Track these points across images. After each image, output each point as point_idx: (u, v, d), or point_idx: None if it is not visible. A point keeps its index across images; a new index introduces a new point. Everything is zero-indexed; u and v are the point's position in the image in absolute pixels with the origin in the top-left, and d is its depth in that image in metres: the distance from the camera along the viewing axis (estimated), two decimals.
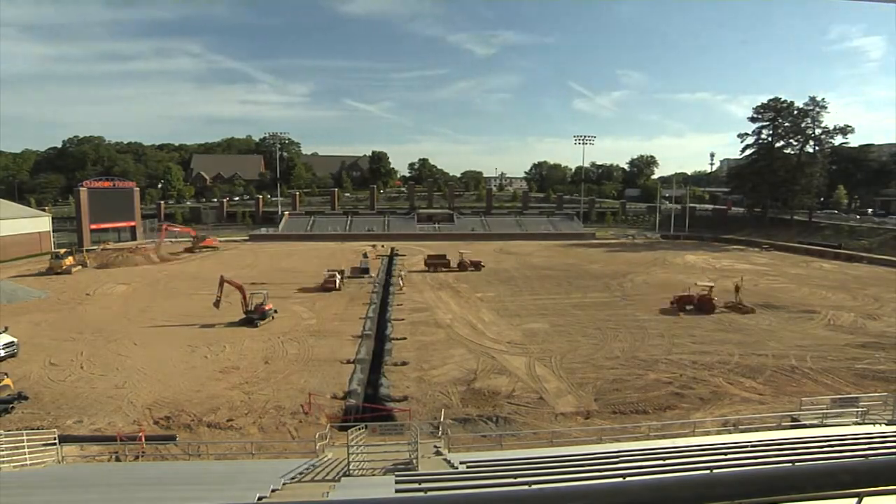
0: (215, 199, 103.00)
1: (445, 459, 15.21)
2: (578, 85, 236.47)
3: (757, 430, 18.35)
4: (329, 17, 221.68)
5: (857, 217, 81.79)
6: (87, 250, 61.40)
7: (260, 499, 8.43)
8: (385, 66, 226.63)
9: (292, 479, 11.58)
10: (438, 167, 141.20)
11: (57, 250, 56.72)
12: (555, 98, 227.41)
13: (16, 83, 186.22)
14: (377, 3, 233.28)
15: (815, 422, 18.70)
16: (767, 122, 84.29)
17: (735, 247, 74.75)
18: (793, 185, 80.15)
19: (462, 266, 53.73)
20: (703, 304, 36.47)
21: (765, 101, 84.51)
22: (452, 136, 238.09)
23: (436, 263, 54.73)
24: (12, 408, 20.51)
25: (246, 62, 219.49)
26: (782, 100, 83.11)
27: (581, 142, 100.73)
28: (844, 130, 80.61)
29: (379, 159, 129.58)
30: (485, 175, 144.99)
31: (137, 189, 78.32)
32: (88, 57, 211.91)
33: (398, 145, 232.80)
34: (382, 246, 72.82)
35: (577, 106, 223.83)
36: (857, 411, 19.21)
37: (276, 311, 34.35)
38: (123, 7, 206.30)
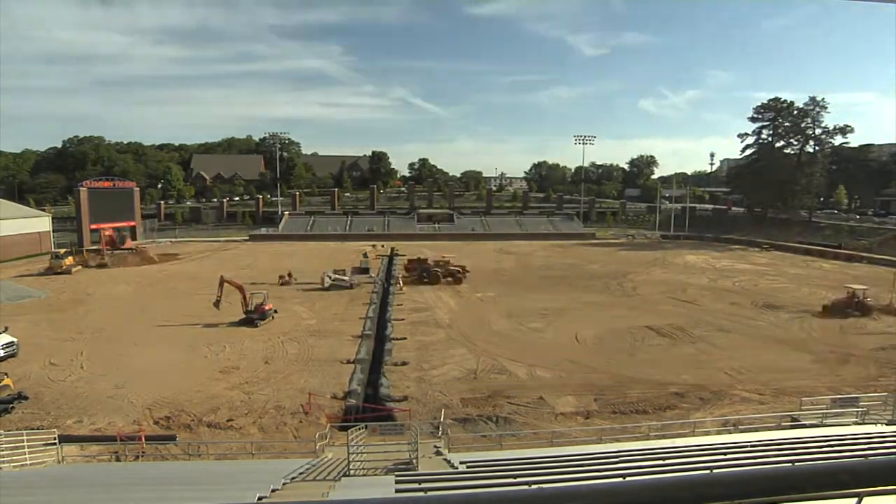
0: (215, 199, 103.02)
1: (445, 459, 15.20)
2: (663, 86, 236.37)
3: (757, 430, 18.34)
4: (456, 19, 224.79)
5: (857, 217, 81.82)
6: (87, 250, 61.39)
7: (260, 499, 8.43)
8: (488, 69, 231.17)
9: (292, 479, 11.57)
10: (438, 167, 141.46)
11: (57, 250, 56.68)
12: (626, 98, 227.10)
13: (134, 84, 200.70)
14: (509, 4, 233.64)
15: (815, 422, 18.70)
16: (767, 122, 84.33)
17: (735, 247, 74.76)
18: (793, 185, 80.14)
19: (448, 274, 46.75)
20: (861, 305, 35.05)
21: (765, 101, 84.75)
22: (495, 136, 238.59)
23: (415, 269, 47.92)
24: (12, 408, 20.50)
25: (362, 63, 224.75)
26: (782, 100, 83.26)
27: (581, 142, 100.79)
28: (844, 130, 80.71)
29: (379, 159, 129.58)
30: (484, 175, 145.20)
31: (137, 189, 78.20)
32: (211, 59, 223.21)
33: (433, 144, 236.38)
34: (382, 246, 72.84)
35: (641, 105, 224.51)
36: (857, 411, 19.21)
37: (276, 311, 34.35)
38: (299, 10, 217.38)
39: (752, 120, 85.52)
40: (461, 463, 13.68)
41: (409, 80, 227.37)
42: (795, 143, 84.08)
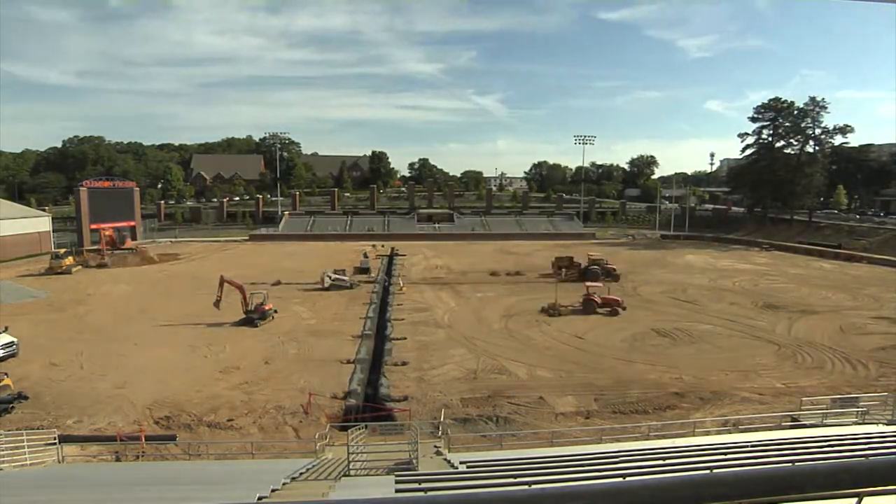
0: (215, 199, 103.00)
1: (445, 459, 15.21)
2: (750, 89, 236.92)
3: (757, 430, 18.35)
4: (589, 23, 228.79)
5: (857, 217, 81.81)
6: (87, 250, 61.39)
7: (260, 499, 8.43)
8: (590, 73, 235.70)
9: (292, 479, 11.57)
10: (439, 167, 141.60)
11: (57, 250, 56.68)
12: (700, 100, 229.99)
13: (240, 85, 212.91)
14: (643, 9, 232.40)
15: (815, 422, 18.70)
16: (767, 122, 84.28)
17: (735, 246, 74.74)
18: (793, 185, 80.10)
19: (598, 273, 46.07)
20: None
21: (765, 101, 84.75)
22: (546, 136, 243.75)
23: (562, 267, 49.20)
24: (12, 408, 20.50)
25: (487, 66, 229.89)
26: (782, 100, 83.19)
27: (581, 141, 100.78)
28: (844, 130, 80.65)
29: (379, 159, 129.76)
30: (485, 175, 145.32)
31: (137, 189, 78.20)
32: (327, 63, 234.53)
33: (475, 145, 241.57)
34: (382, 246, 72.90)
35: (708, 106, 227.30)
36: (857, 411, 19.21)
37: (276, 311, 34.35)
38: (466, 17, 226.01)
39: (753, 120, 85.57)
40: (461, 463, 13.68)
41: (506, 85, 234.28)
42: (795, 143, 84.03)
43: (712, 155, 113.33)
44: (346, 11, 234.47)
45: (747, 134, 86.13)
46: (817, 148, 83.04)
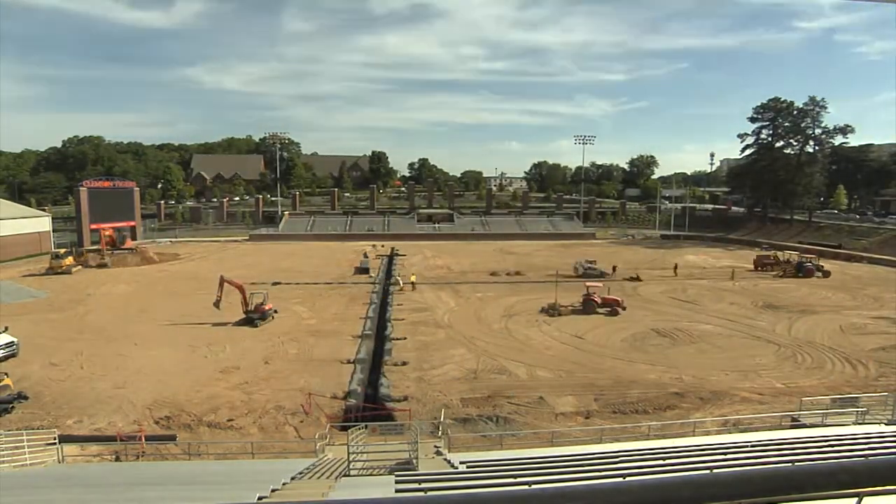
0: (215, 199, 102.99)
1: (445, 459, 15.21)
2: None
3: (757, 430, 18.35)
4: (796, 34, 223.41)
5: (857, 217, 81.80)
6: (87, 250, 61.39)
7: (260, 499, 8.42)
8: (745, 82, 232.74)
9: (292, 479, 11.57)
10: (439, 167, 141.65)
11: (57, 250, 56.66)
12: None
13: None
14: (846, 17, 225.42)
15: (815, 422, 18.70)
16: (767, 122, 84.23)
17: (735, 246, 74.74)
18: (793, 185, 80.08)
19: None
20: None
21: (764, 101, 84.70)
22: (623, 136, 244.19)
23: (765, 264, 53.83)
24: (12, 408, 20.51)
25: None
26: (782, 100, 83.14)
27: (581, 141, 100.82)
28: (844, 130, 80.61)
29: (379, 159, 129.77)
30: (485, 175, 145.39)
31: (137, 189, 78.16)
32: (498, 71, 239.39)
33: (538, 145, 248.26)
34: (382, 246, 72.92)
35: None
36: (857, 411, 19.22)
37: (276, 311, 34.35)
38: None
39: (752, 120, 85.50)
40: (461, 463, 13.68)
41: (655, 91, 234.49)
42: (795, 143, 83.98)
43: (712, 155, 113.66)
44: (591, 29, 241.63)
45: (747, 134, 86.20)
46: (817, 148, 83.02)
